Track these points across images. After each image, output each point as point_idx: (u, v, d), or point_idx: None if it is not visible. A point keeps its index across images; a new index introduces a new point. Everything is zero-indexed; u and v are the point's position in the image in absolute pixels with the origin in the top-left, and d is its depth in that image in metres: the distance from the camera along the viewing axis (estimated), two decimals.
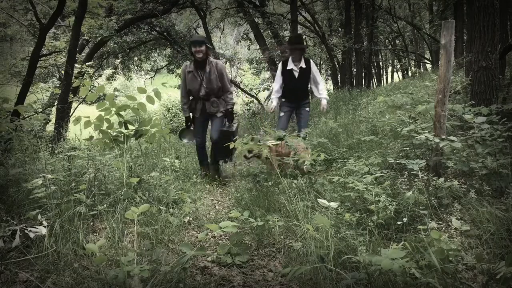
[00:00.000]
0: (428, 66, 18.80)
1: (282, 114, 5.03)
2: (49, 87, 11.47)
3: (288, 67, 4.96)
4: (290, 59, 4.98)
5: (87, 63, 10.21)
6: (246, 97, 17.40)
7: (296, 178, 3.37)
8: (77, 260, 2.10)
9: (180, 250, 2.33)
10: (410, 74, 20.04)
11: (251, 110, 13.29)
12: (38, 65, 9.14)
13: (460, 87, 5.42)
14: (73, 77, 7.87)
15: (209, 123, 4.71)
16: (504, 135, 2.86)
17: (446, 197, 2.62)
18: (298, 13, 13.37)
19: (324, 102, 5.03)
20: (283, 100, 5.07)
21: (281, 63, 5.10)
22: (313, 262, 1.93)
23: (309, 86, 5.08)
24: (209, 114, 4.59)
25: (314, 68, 5.01)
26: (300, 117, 5.06)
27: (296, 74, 4.93)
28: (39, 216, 2.30)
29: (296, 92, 4.98)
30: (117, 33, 11.80)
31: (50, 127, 9.39)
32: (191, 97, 4.64)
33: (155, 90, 3.33)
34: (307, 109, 5.06)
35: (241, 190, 3.63)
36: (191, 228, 2.91)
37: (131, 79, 18.04)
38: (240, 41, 18.94)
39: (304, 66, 4.92)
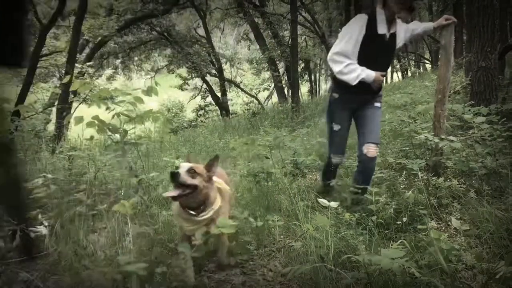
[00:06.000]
0: (428, 66, 18.82)
1: (338, 127, 2.88)
2: (49, 87, 11.51)
3: (380, 31, 2.66)
4: (380, 17, 2.67)
5: (88, 63, 10.25)
6: (246, 97, 17.44)
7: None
8: (77, 260, 2.11)
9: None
10: (409, 74, 20.05)
11: (251, 110, 13.31)
12: (38, 65, 9.16)
13: (460, 87, 5.43)
14: (73, 77, 7.91)
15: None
16: (503, 135, 2.87)
17: (445, 197, 2.62)
18: (298, 13, 13.37)
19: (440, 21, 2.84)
20: (336, 91, 2.87)
21: (363, 19, 2.68)
22: (313, 262, 1.94)
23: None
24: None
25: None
26: (366, 118, 2.84)
27: (386, 45, 2.77)
28: (40, 216, 2.31)
29: None
30: (118, 33, 11.83)
31: (51, 127, 9.41)
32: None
33: (150, 86, 3.30)
34: (379, 104, 2.89)
35: (241, 190, 3.63)
36: None
37: (131, 79, 18.09)
38: (240, 41, 18.97)
39: (393, 30, 2.76)
